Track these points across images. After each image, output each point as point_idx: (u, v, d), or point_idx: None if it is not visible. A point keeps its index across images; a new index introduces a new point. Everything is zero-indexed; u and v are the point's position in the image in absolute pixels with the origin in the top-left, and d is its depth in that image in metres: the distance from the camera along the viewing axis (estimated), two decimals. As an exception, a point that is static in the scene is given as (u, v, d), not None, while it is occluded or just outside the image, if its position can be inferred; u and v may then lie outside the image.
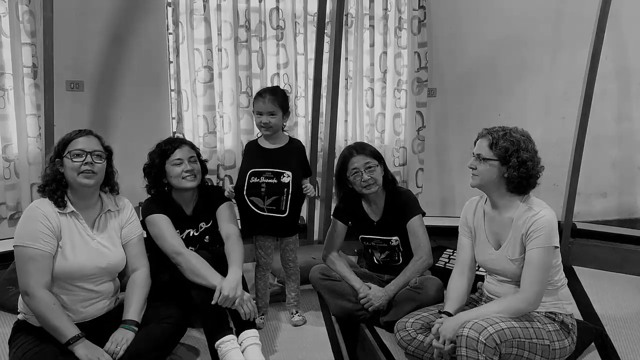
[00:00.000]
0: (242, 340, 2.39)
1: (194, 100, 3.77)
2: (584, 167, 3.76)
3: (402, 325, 2.44)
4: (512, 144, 2.25)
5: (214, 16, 3.72)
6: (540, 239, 2.21)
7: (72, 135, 2.27)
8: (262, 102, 2.69)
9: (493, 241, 2.39)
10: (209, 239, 2.77)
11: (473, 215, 2.47)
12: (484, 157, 2.29)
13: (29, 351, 2.10)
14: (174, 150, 2.69)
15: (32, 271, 2.11)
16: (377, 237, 2.90)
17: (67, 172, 2.22)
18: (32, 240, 2.12)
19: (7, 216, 3.50)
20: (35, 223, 2.14)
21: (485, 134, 2.32)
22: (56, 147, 2.28)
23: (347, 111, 4.12)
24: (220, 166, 3.91)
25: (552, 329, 2.26)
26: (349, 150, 2.88)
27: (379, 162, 2.84)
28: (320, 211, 3.89)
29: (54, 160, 2.25)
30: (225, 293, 2.36)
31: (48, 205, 2.20)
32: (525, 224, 2.25)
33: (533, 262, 2.22)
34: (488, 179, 2.30)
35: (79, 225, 2.24)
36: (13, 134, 3.44)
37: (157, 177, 2.71)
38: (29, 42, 3.36)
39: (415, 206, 2.86)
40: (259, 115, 2.72)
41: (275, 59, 3.92)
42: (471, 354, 2.09)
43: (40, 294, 2.10)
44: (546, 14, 4.28)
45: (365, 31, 4.09)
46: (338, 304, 2.81)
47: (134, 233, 2.40)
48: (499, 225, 2.36)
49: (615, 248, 3.74)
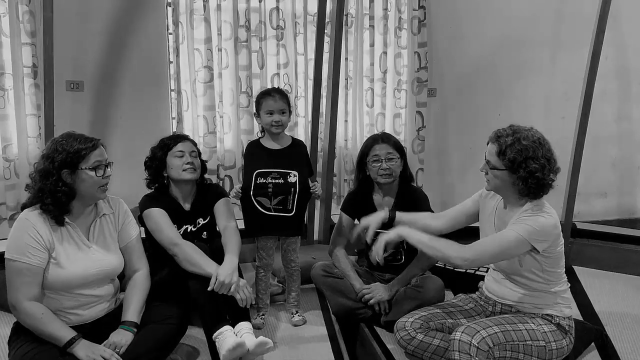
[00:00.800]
0: (237, 331, 2.41)
1: (194, 100, 3.77)
2: (584, 167, 3.77)
3: (402, 324, 2.44)
4: (519, 154, 2.16)
5: (214, 16, 3.72)
6: (519, 226, 2.16)
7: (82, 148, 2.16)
8: (274, 101, 2.72)
9: (497, 231, 2.38)
10: (206, 235, 2.80)
11: (486, 205, 2.45)
12: (492, 165, 2.23)
13: (29, 352, 2.09)
14: (177, 143, 2.75)
15: (19, 285, 2.09)
16: (383, 231, 2.90)
17: (85, 184, 2.16)
18: (20, 254, 2.09)
19: (7, 216, 3.50)
20: (23, 236, 2.10)
21: (494, 139, 2.24)
22: (63, 158, 2.13)
23: (347, 111, 4.12)
24: (220, 166, 3.91)
25: (548, 329, 2.25)
26: (375, 137, 2.94)
27: (400, 155, 2.86)
28: (320, 211, 3.89)
29: (59, 171, 2.13)
30: (221, 279, 2.38)
31: (38, 216, 2.14)
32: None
33: (497, 236, 2.21)
34: (501, 185, 2.27)
35: (73, 234, 2.21)
36: (13, 134, 3.43)
37: (158, 170, 2.74)
38: (29, 42, 3.35)
39: (426, 205, 2.87)
40: (269, 114, 2.73)
41: (275, 59, 3.92)
42: (464, 357, 2.10)
43: (25, 306, 2.09)
44: (546, 14, 4.28)
45: (365, 31, 4.09)
46: (339, 301, 2.81)
47: (132, 234, 2.39)
48: (506, 219, 2.34)
49: (615, 248, 3.74)
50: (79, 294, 2.20)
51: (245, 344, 2.30)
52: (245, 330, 2.42)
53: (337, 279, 2.85)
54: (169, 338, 2.31)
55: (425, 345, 2.37)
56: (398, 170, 2.86)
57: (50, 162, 2.13)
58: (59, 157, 2.13)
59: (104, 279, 2.27)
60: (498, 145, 2.20)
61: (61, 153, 2.13)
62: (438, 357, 2.35)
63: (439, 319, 2.43)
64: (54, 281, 2.14)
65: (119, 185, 2.74)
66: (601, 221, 4.36)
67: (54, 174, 2.12)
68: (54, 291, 2.16)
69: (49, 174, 2.12)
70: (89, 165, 2.16)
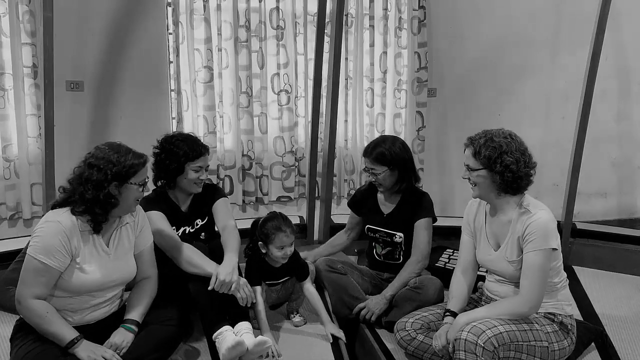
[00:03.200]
0: (237, 331, 2.41)
1: (194, 100, 3.77)
2: (584, 167, 3.76)
3: (402, 325, 2.44)
4: (493, 151, 2.24)
5: (214, 16, 3.72)
6: (536, 242, 2.21)
7: (136, 164, 2.19)
8: (286, 236, 2.60)
9: (493, 242, 2.39)
10: (205, 236, 2.80)
11: (474, 217, 2.48)
12: (471, 167, 2.31)
13: (31, 352, 2.09)
14: (200, 156, 2.70)
15: (32, 282, 2.10)
16: (383, 229, 2.92)
17: (127, 198, 2.19)
18: (45, 255, 2.09)
19: (7, 216, 3.51)
20: (53, 239, 2.10)
21: (468, 143, 2.34)
22: (118, 171, 2.14)
23: (347, 111, 4.12)
24: (220, 166, 3.91)
25: (551, 330, 2.26)
26: (365, 147, 2.94)
27: (389, 166, 2.82)
28: (320, 211, 3.89)
29: (109, 184, 2.13)
30: (222, 278, 2.37)
31: (71, 220, 2.14)
32: (522, 227, 2.25)
33: (530, 265, 2.22)
34: (484, 188, 2.31)
35: (96, 242, 2.21)
36: (13, 134, 3.44)
37: (173, 174, 2.69)
38: (29, 42, 3.36)
39: (428, 209, 2.87)
40: (280, 248, 2.60)
41: (275, 59, 3.92)
42: (470, 357, 2.10)
43: (31, 303, 2.09)
44: (546, 14, 4.28)
45: (365, 31, 4.09)
46: (340, 299, 2.81)
47: (147, 242, 2.40)
48: (498, 226, 2.37)
49: (615, 248, 3.74)
50: (90, 296, 2.22)
51: (244, 342, 2.30)
52: (244, 330, 2.42)
53: (341, 275, 2.85)
54: (169, 339, 2.31)
55: (426, 346, 2.37)
56: (386, 182, 2.85)
57: (104, 174, 2.13)
58: (112, 169, 2.14)
59: (119, 285, 2.31)
60: (472, 147, 2.30)
61: (116, 165, 2.14)
62: (438, 357, 2.34)
63: (439, 320, 2.43)
64: (74, 284, 2.15)
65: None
66: (601, 221, 4.36)
67: (106, 187, 2.13)
68: (67, 293, 2.17)
69: (100, 184, 2.12)
70: (138, 180, 2.20)
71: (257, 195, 4.06)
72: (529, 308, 2.22)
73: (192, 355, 2.50)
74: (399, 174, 2.85)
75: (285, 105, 3.99)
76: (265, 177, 4.04)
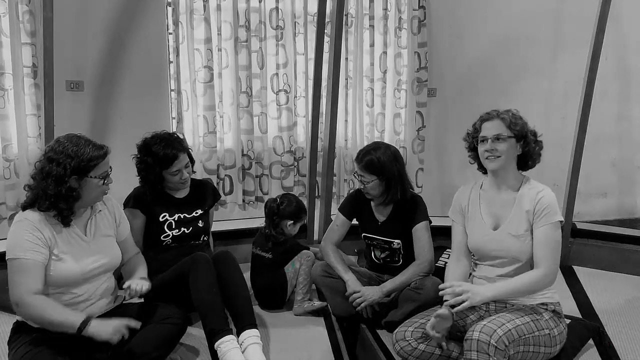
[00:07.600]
0: (243, 340, 2.39)
1: (194, 100, 3.77)
2: (584, 167, 3.76)
3: (402, 335, 2.35)
4: (522, 127, 2.39)
5: (214, 16, 3.72)
6: (549, 216, 2.29)
7: (95, 156, 2.15)
8: None
9: (490, 222, 2.40)
10: (202, 224, 2.94)
11: (468, 200, 2.49)
12: (502, 136, 2.36)
13: (28, 352, 2.09)
14: (173, 161, 2.79)
15: (22, 281, 2.08)
16: (380, 237, 2.90)
17: (89, 191, 2.17)
18: (23, 251, 2.08)
19: (7, 216, 3.50)
20: (24, 234, 2.10)
21: (495, 115, 2.43)
22: (76, 165, 2.11)
23: (347, 111, 4.13)
24: (220, 166, 3.91)
25: (548, 317, 2.29)
26: (357, 153, 2.86)
27: (377, 177, 2.75)
28: (320, 211, 3.89)
29: (69, 177, 2.11)
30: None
31: (38, 215, 2.14)
32: (531, 201, 2.31)
33: (545, 239, 2.29)
34: (506, 159, 2.36)
35: (71, 232, 2.21)
36: (13, 134, 3.43)
37: (155, 181, 2.85)
38: (29, 42, 3.35)
39: (423, 213, 2.84)
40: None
41: (275, 59, 3.92)
42: (482, 357, 2.07)
43: (30, 300, 2.07)
44: (546, 14, 4.28)
45: (365, 31, 4.10)
46: (339, 302, 2.81)
47: (127, 228, 2.49)
48: (499, 205, 2.39)
49: (615, 248, 3.75)
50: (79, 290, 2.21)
51: None
52: (251, 340, 2.38)
53: (337, 279, 2.84)
54: (170, 338, 2.32)
55: (428, 355, 2.33)
56: (375, 191, 2.78)
57: (62, 168, 2.10)
58: (71, 162, 2.10)
59: (103, 273, 2.30)
60: (503, 120, 2.39)
61: (73, 159, 2.11)
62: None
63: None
64: (57, 276, 2.15)
65: (118, 184, 2.73)
66: (601, 221, 4.36)
67: (67, 181, 2.11)
68: (56, 287, 2.17)
69: (61, 179, 2.10)
70: (97, 174, 2.18)
71: (256, 194, 4.06)
72: (547, 279, 2.28)
73: (192, 355, 2.51)
74: (386, 185, 2.78)
75: (284, 105, 3.99)
76: (265, 177, 4.04)
